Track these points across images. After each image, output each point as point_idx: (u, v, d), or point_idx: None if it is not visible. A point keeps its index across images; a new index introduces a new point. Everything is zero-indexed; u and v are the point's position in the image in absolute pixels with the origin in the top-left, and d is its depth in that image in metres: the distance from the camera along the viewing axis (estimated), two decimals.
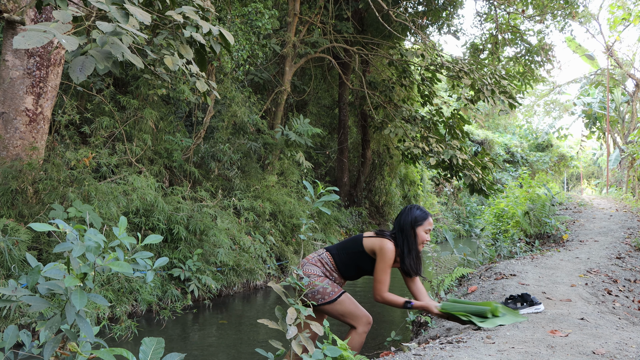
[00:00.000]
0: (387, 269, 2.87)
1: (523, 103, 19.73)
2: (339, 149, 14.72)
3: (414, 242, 2.94)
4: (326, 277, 3.04)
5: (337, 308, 2.96)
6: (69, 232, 1.85)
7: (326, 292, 2.94)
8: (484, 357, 2.80)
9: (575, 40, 24.83)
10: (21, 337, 1.90)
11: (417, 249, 2.94)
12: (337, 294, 2.95)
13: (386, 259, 2.86)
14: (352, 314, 2.96)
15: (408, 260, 2.92)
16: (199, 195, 8.63)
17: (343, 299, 2.96)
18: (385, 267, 2.87)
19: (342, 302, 2.95)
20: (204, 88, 3.88)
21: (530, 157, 30.55)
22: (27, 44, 1.99)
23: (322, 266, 3.06)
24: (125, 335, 5.37)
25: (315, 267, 3.06)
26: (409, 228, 2.94)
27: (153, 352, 1.94)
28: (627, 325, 3.65)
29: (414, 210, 2.99)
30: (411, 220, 2.95)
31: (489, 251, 7.65)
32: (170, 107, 9.73)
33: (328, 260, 3.07)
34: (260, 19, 9.43)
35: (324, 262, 3.06)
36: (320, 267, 3.06)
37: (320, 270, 3.05)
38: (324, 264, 3.06)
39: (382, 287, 2.87)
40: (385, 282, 2.87)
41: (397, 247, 2.94)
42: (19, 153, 6.16)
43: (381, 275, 2.87)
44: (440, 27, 15.23)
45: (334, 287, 2.99)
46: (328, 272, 3.05)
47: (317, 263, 3.07)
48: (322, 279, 3.00)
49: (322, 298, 2.93)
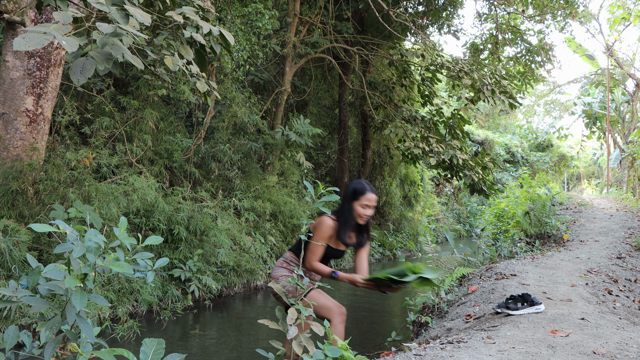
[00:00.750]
0: (319, 240, 3.00)
1: (523, 103, 19.74)
2: (339, 149, 14.72)
3: (351, 215, 3.02)
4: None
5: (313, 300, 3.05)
6: (70, 233, 1.86)
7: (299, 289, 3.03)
8: (485, 357, 2.80)
9: (575, 40, 24.83)
10: (22, 338, 1.90)
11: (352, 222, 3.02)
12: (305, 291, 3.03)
13: (319, 232, 3.00)
14: (323, 307, 3.04)
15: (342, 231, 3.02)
16: (199, 196, 8.63)
17: (311, 294, 3.04)
18: (317, 239, 3.00)
19: (310, 298, 3.03)
20: (204, 88, 3.88)
21: (530, 157, 30.54)
22: (28, 46, 1.99)
23: (288, 265, 3.17)
24: (128, 335, 5.37)
25: (281, 269, 3.17)
26: (347, 201, 3.05)
27: (153, 352, 1.94)
28: (627, 325, 3.65)
29: (354, 184, 3.08)
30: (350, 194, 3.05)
31: (489, 251, 7.65)
32: (170, 107, 9.73)
33: (292, 259, 3.17)
34: (260, 19, 9.43)
35: (288, 262, 3.17)
36: (287, 267, 3.17)
37: (287, 271, 3.16)
38: (289, 263, 3.16)
39: (312, 256, 3.00)
40: (316, 252, 3.00)
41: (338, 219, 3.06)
42: (20, 154, 6.17)
43: (312, 246, 3.00)
44: (440, 27, 15.22)
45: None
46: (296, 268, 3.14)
47: (283, 264, 3.18)
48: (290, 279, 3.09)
49: (293, 297, 3.00)
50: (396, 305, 7.83)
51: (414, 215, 18.01)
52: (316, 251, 3.03)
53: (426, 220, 19.75)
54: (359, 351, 3.79)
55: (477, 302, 4.64)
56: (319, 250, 3.03)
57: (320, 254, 3.03)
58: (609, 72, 23.71)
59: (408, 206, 17.65)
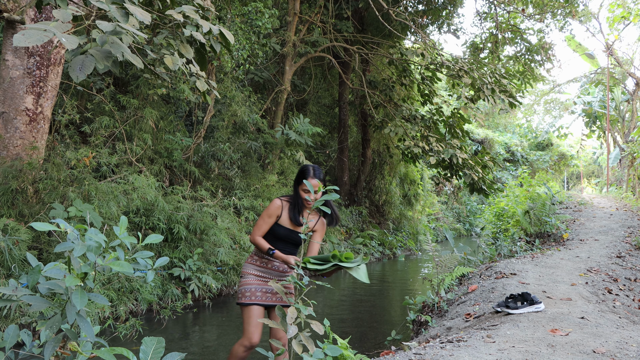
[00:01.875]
0: (264, 217, 3.17)
1: (523, 102, 19.69)
2: (339, 148, 14.72)
3: (298, 197, 3.17)
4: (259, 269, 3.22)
5: (243, 313, 3.17)
6: (70, 232, 1.85)
7: (244, 294, 3.16)
8: (485, 356, 2.80)
9: (575, 39, 24.82)
10: (22, 337, 1.90)
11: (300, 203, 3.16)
12: (247, 301, 3.14)
13: (267, 210, 3.18)
14: (245, 325, 3.16)
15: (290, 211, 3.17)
16: (199, 195, 8.63)
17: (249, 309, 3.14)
18: (263, 216, 3.18)
19: (246, 311, 3.15)
20: (204, 87, 3.87)
21: (530, 156, 30.55)
22: (27, 42, 1.98)
23: (254, 256, 3.25)
24: (130, 334, 5.37)
25: (249, 265, 3.24)
26: (295, 184, 3.21)
27: (153, 351, 1.94)
28: (627, 324, 3.65)
29: (301, 168, 3.23)
30: (296, 178, 3.21)
31: (489, 250, 7.65)
32: (170, 106, 9.72)
33: (254, 251, 3.28)
34: (260, 18, 9.42)
35: (252, 254, 3.28)
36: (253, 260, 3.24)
37: (254, 267, 3.22)
38: (252, 256, 3.26)
39: (256, 230, 3.18)
40: (260, 227, 3.17)
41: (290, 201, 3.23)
42: (19, 153, 6.16)
43: (258, 221, 3.20)
44: (440, 26, 15.22)
45: (253, 294, 3.16)
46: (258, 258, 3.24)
47: (249, 259, 3.26)
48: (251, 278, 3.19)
49: (240, 298, 3.16)
50: (396, 304, 7.84)
51: (413, 214, 18.02)
52: (259, 226, 3.18)
53: (426, 219, 19.75)
54: (358, 350, 3.80)
55: (477, 301, 4.64)
56: (261, 225, 3.17)
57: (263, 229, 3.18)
58: (609, 71, 23.71)
59: (408, 205, 17.65)
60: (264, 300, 3.18)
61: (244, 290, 3.14)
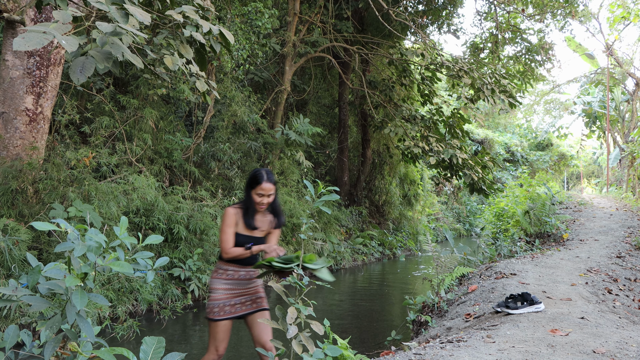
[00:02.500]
0: (225, 228, 3.14)
1: (523, 102, 19.66)
2: (339, 148, 14.72)
3: (251, 201, 3.18)
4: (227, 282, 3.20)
5: (210, 327, 3.18)
6: (70, 232, 1.86)
7: (213, 309, 3.15)
8: (485, 356, 2.81)
9: (575, 40, 24.81)
10: (22, 337, 1.90)
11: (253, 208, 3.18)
12: (217, 317, 3.15)
13: (223, 222, 3.16)
14: (211, 340, 3.19)
15: (247, 218, 3.18)
16: (199, 195, 8.63)
17: (217, 325, 3.16)
18: (224, 228, 3.15)
19: (214, 326, 3.16)
20: (203, 88, 3.87)
21: (530, 156, 30.55)
22: (27, 46, 1.98)
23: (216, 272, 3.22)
24: (128, 334, 5.37)
25: (216, 280, 3.21)
26: (247, 190, 3.22)
27: (154, 351, 1.94)
28: (627, 324, 3.65)
29: (252, 172, 3.23)
30: (248, 182, 3.22)
31: (489, 250, 7.65)
32: (170, 106, 9.72)
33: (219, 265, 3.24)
34: (260, 18, 9.42)
35: (216, 269, 3.24)
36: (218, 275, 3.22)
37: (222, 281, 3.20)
38: (217, 270, 3.23)
39: (224, 245, 3.14)
40: (227, 240, 3.14)
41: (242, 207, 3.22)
42: (19, 153, 6.16)
43: (221, 236, 3.16)
44: (440, 26, 15.22)
45: (221, 310, 3.16)
46: (223, 272, 3.22)
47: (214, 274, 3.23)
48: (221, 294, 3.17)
49: (208, 313, 3.16)
50: (396, 304, 7.84)
51: (413, 214, 18.02)
52: (225, 239, 3.14)
53: (426, 220, 19.75)
54: (358, 350, 3.80)
55: (477, 301, 4.65)
56: (227, 237, 3.15)
57: (230, 240, 3.16)
58: (609, 71, 23.71)
59: (408, 205, 17.65)
60: (233, 313, 3.20)
61: (213, 306, 3.15)
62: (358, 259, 12.64)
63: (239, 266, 3.22)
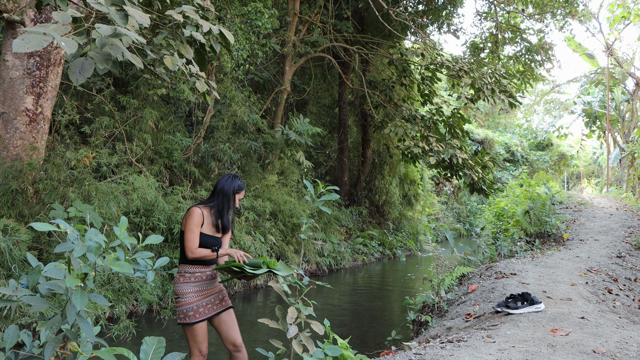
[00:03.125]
0: (193, 229, 3.17)
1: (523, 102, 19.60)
2: (339, 148, 14.72)
3: (233, 204, 3.34)
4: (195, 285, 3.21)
5: (188, 332, 3.19)
6: (70, 233, 1.86)
7: (187, 314, 3.16)
8: (485, 356, 2.81)
9: (575, 39, 24.81)
10: (22, 337, 1.91)
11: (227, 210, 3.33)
12: (194, 320, 3.16)
13: (191, 221, 3.18)
14: (191, 343, 3.20)
15: (224, 218, 3.29)
16: (199, 195, 8.63)
17: (195, 327, 3.18)
18: (192, 228, 3.17)
19: (191, 330, 3.17)
20: (203, 88, 3.88)
21: (530, 156, 30.55)
22: (27, 48, 1.98)
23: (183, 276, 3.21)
24: (124, 335, 5.37)
25: (181, 285, 3.20)
26: (230, 193, 3.33)
27: (154, 351, 1.94)
28: (627, 324, 3.65)
29: (237, 180, 3.40)
30: (234, 187, 3.36)
31: (489, 250, 7.65)
32: (170, 106, 9.73)
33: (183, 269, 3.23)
34: (260, 18, 9.42)
35: (182, 274, 3.22)
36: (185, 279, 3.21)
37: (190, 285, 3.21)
38: (183, 275, 3.22)
39: (191, 245, 3.16)
40: (194, 240, 3.16)
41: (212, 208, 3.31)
42: (19, 153, 6.16)
43: (189, 235, 3.16)
44: (440, 26, 15.21)
45: (196, 312, 3.17)
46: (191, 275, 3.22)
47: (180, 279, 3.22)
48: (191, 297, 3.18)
49: (183, 319, 3.16)
50: (396, 304, 7.84)
51: (413, 214, 18.01)
52: (192, 239, 3.16)
53: (426, 219, 19.75)
54: (359, 350, 3.80)
55: (477, 301, 4.65)
56: (194, 237, 3.17)
57: (197, 240, 3.19)
58: (609, 71, 23.71)
59: (408, 205, 17.65)
60: (208, 313, 3.22)
61: (187, 311, 3.15)
62: (358, 259, 12.64)
63: (204, 266, 3.25)
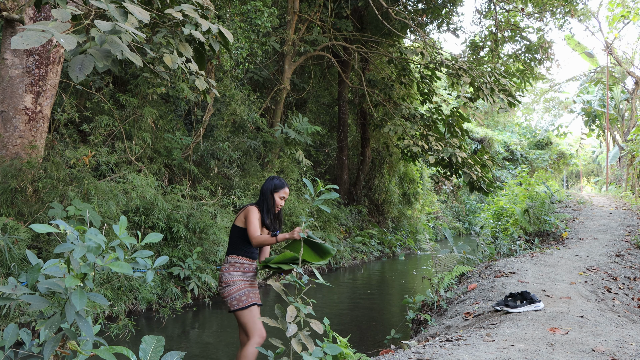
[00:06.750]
0: (254, 221, 3.46)
1: (522, 101, 19.58)
2: (339, 147, 14.71)
3: (272, 204, 3.56)
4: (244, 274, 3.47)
5: (244, 317, 3.38)
6: (70, 233, 1.85)
7: (240, 299, 3.38)
8: (484, 354, 2.81)
9: (574, 38, 24.80)
10: (21, 336, 1.90)
11: (273, 210, 3.58)
12: (249, 303, 3.39)
13: (252, 215, 3.47)
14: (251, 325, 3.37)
15: (267, 217, 3.54)
16: (198, 194, 8.63)
17: (250, 310, 3.39)
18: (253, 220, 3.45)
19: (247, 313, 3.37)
20: (203, 86, 3.87)
21: (529, 154, 30.55)
22: (26, 44, 1.98)
23: (233, 265, 3.46)
24: (122, 334, 5.37)
25: (231, 273, 3.44)
26: (268, 193, 3.56)
27: (153, 350, 1.94)
28: (626, 323, 3.66)
29: (274, 180, 3.62)
30: (271, 187, 3.58)
31: (488, 249, 7.66)
32: (169, 105, 9.71)
33: (233, 260, 3.48)
34: (259, 17, 9.41)
35: (232, 263, 3.48)
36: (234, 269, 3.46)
37: (239, 274, 3.45)
38: (234, 264, 3.47)
39: (255, 232, 3.43)
40: (256, 230, 3.44)
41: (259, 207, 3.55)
42: (19, 152, 6.16)
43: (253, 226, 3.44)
44: (439, 24, 15.20)
45: (248, 297, 3.40)
46: (241, 265, 3.47)
47: (230, 268, 3.46)
48: (241, 284, 3.43)
49: (236, 305, 3.37)
50: (395, 302, 7.84)
51: (413, 213, 18.02)
52: (256, 228, 3.43)
53: (425, 218, 19.76)
54: (358, 349, 3.80)
55: (477, 299, 4.65)
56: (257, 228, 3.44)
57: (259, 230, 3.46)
58: (608, 69, 23.71)
59: (407, 204, 17.65)
60: (256, 300, 3.45)
61: (240, 296, 3.37)
62: (357, 258, 12.65)
63: (251, 260, 3.50)
